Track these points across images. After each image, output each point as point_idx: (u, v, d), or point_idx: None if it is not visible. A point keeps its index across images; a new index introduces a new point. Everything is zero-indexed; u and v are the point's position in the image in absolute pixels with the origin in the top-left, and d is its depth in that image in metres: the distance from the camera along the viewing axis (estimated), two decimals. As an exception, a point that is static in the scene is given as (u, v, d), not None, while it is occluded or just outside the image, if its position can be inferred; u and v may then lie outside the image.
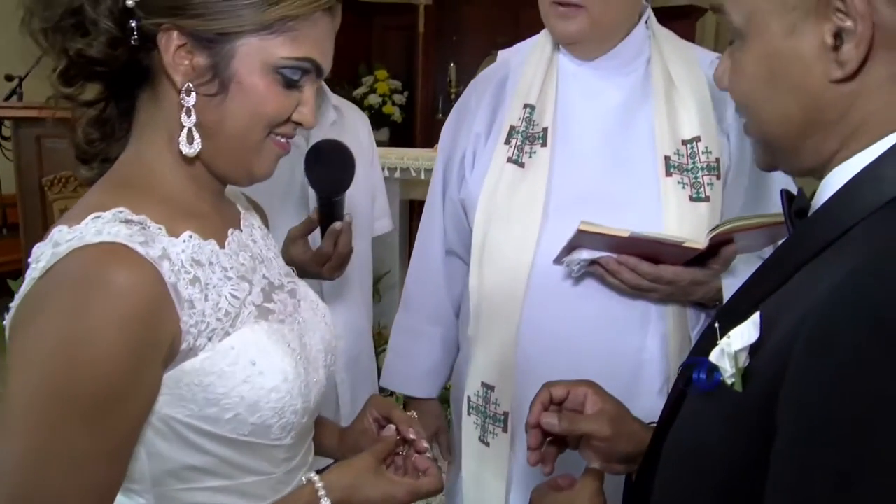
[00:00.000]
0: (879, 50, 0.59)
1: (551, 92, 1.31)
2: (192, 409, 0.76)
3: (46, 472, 0.67)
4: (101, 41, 0.75)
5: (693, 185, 1.23)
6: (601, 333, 1.23)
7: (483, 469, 1.35)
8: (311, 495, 0.83)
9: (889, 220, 0.58)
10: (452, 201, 1.44)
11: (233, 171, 0.83)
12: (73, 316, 0.68)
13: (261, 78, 0.77)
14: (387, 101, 6.21)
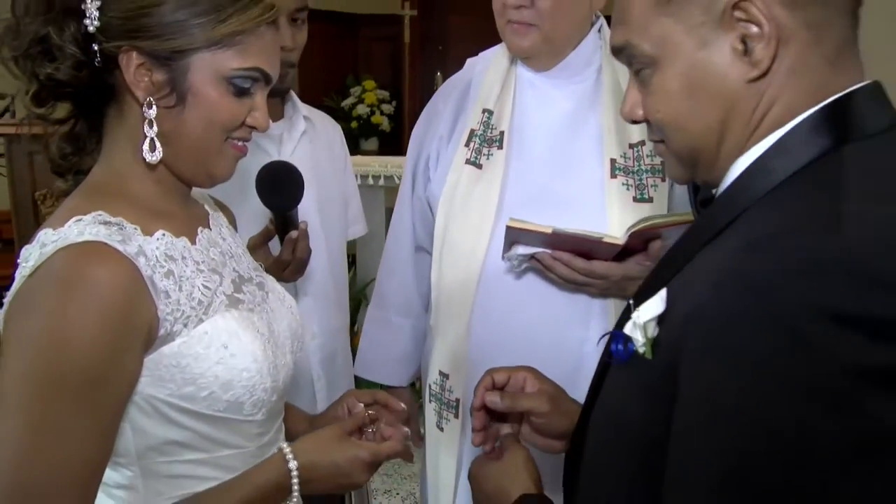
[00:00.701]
0: (780, 47, 0.67)
1: (508, 98, 1.40)
2: (171, 389, 0.84)
3: (41, 447, 0.75)
4: (68, 65, 0.83)
5: (637, 187, 1.32)
6: (546, 326, 1.32)
7: (439, 453, 1.45)
8: (280, 460, 0.91)
9: (771, 204, 0.66)
10: (420, 199, 1.53)
11: (195, 174, 0.91)
12: (60, 308, 0.76)
13: (214, 88, 0.85)
14: (375, 110, 6.30)
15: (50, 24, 0.81)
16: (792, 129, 0.67)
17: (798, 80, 0.67)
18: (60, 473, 0.76)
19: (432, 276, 1.44)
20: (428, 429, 1.49)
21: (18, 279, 0.79)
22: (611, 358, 0.77)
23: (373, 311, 1.66)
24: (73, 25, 0.82)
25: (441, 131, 1.48)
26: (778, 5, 0.65)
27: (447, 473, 1.43)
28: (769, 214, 0.64)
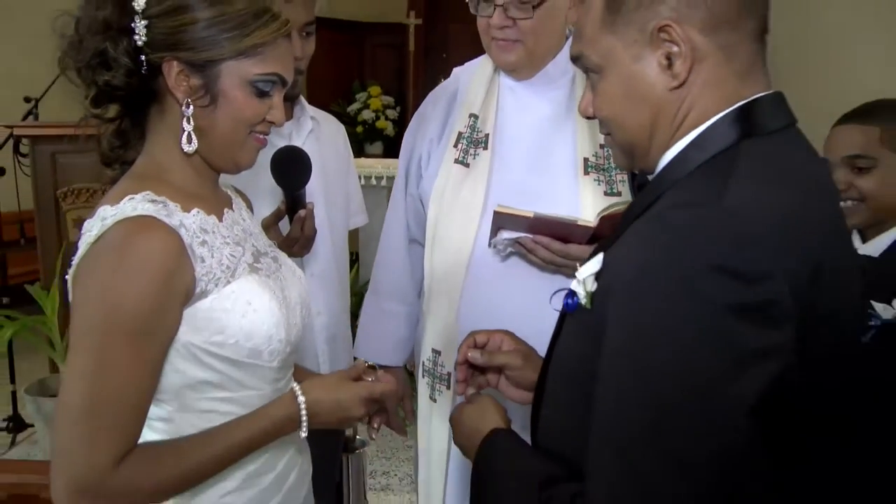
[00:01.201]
0: (695, 64, 0.83)
1: (492, 104, 1.57)
2: (204, 336, 1.00)
3: (102, 380, 0.92)
4: (122, 73, 1.00)
5: (608, 182, 1.47)
6: (527, 306, 1.45)
7: (432, 421, 1.61)
8: (290, 397, 1.08)
9: (682, 186, 0.83)
10: (412, 196, 1.69)
11: (223, 162, 1.08)
12: (118, 269, 0.93)
13: (240, 90, 1.02)
14: (380, 115, 6.49)
15: (107, 41, 0.99)
16: (706, 129, 0.84)
17: (712, 90, 0.83)
18: (117, 400, 0.93)
19: (425, 265, 1.60)
20: (421, 402, 1.65)
21: (83, 246, 0.96)
22: (564, 311, 0.94)
23: (370, 298, 1.81)
24: (125, 41, 0.99)
25: (431, 134, 1.64)
26: (694, 30, 0.81)
27: (440, 439, 1.60)
28: (678, 193, 0.81)
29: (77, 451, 0.92)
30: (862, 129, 1.43)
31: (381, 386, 1.15)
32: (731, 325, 0.69)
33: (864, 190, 1.41)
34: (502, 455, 0.99)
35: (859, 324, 0.85)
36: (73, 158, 3.31)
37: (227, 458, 1.02)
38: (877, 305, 1.36)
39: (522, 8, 1.42)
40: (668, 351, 0.71)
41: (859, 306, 0.83)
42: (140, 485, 0.95)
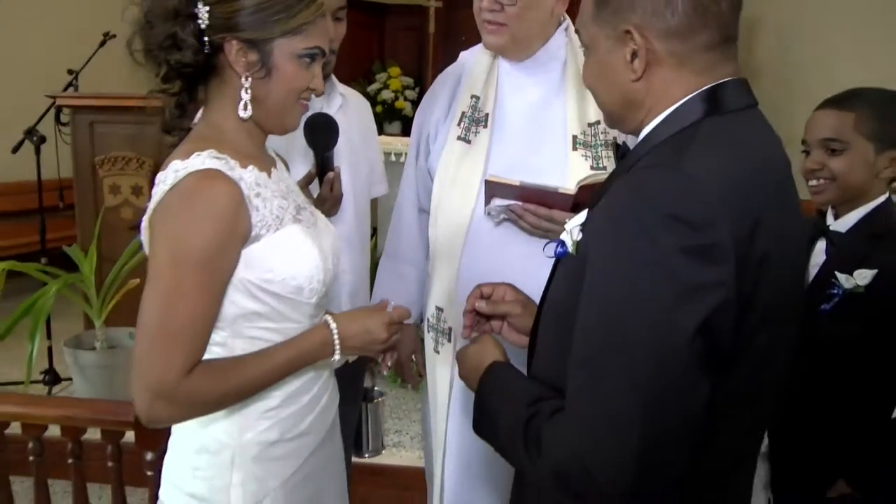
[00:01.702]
0: (653, 65, 0.99)
1: (492, 85, 1.74)
2: (257, 274, 1.18)
3: (175, 304, 1.11)
4: (190, 52, 1.17)
5: (594, 157, 1.64)
6: (519, 267, 1.61)
7: (436, 370, 1.81)
8: (324, 325, 1.27)
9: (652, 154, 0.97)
10: (422, 170, 1.87)
11: (274, 125, 1.26)
12: (190, 213, 1.11)
13: (290, 63, 1.20)
14: (399, 96, 6.66)
15: (177, 26, 1.16)
16: (676, 108, 0.99)
17: (668, 85, 0.99)
18: (186, 320, 1.12)
19: (430, 231, 1.78)
20: (427, 354, 1.85)
21: (158, 194, 1.14)
22: (555, 258, 1.11)
23: (384, 262, 1.99)
24: (191, 25, 1.16)
25: (438, 113, 1.82)
26: (653, 36, 0.97)
27: (443, 385, 1.79)
28: (646, 159, 0.97)
29: (153, 362, 1.11)
30: (837, 115, 1.57)
31: (399, 311, 1.34)
32: (679, 263, 0.85)
33: (835, 170, 1.56)
34: (499, 382, 1.15)
35: (800, 269, 1.01)
36: (109, 128, 3.53)
37: (273, 376, 1.21)
38: (840, 276, 1.53)
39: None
40: (627, 283, 0.87)
41: (796, 257, 0.99)
42: (205, 392, 1.14)
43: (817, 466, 1.61)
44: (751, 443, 1.07)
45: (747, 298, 0.89)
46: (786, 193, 0.98)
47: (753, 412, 1.01)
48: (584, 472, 0.88)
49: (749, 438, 1.06)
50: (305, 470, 1.31)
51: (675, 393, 0.87)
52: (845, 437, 1.56)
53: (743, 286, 0.88)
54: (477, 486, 1.78)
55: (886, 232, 1.56)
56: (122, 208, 3.55)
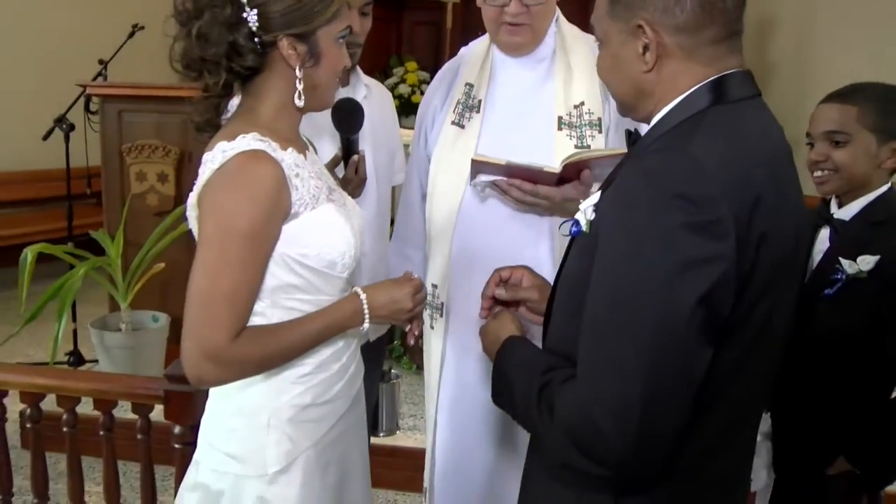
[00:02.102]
0: (663, 57, 1.07)
1: (485, 74, 1.83)
2: (295, 248, 1.26)
3: (222, 273, 1.20)
4: (251, 56, 1.25)
5: (579, 137, 1.73)
6: (507, 246, 1.72)
7: (430, 343, 1.91)
8: (354, 295, 1.36)
9: (661, 139, 1.05)
10: (422, 157, 1.96)
11: (317, 104, 1.34)
12: (237, 190, 1.20)
13: (333, 47, 1.29)
14: (415, 90, 6.72)
15: (234, 33, 1.23)
16: (684, 97, 1.07)
17: (678, 76, 1.06)
18: (233, 288, 1.21)
19: (426, 213, 1.88)
20: (425, 328, 1.93)
21: (207, 173, 1.23)
22: (570, 237, 1.19)
23: (393, 245, 2.09)
24: (244, 30, 1.24)
25: (436, 102, 1.92)
26: (664, 31, 1.05)
27: (436, 357, 1.90)
28: (656, 143, 1.06)
29: (203, 326, 1.20)
30: (840, 108, 1.63)
31: (420, 281, 1.44)
32: (684, 237, 0.93)
33: (838, 161, 1.63)
34: (515, 353, 1.23)
35: (798, 249, 1.09)
36: (137, 117, 3.64)
37: (309, 342, 1.30)
38: (843, 262, 1.60)
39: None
40: (636, 254, 0.95)
41: (794, 235, 1.06)
42: (251, 355, 1.24)
43: (819, 446, 1.68)
44: (751, 409, 1.15)
45: (747, 272, 0.97)
46: (785, 176, 1.06)
47: (754, 381, 1.09)
48: (592, 427, 0.95)
49: (749, 405, 1.13)
50: (334, 433, 1.40)
51: (676, 356, 0.94)
52: (845, 417, 1.64)
53: (743, 261, 0.96)
54: (466, 452, 1.88)
55: (888, 219, 1.62)
56: (147, 195, 3.66)
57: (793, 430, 1.71)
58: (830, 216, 1.70)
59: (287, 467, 1.33)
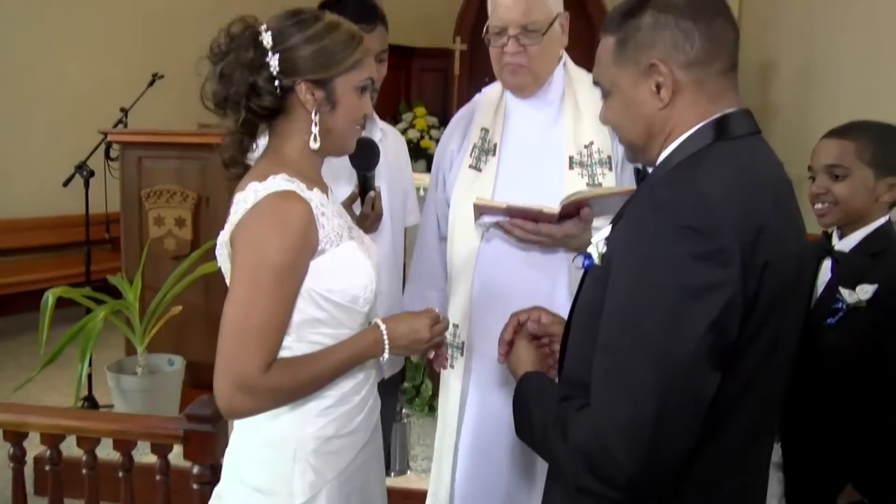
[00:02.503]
0: (677, 93, 1.13)
1: (500, 119, 1.92)
2: (321, 283, 1.32)
3: (254, 306, 1.25)
4: (268, 97, 1.33)
5: (590, 175, 1.80)
6: (526, 284, 1.78)
7: (449, 382, 1.95)
8: (375, 327, 1.41)
9: (668, 174, 1.11)
10: (440, 199, 2.03)
11: (336, 150, 1.41)
12: (269, 228, 1.26)
13: (350, 95, 1.36)
14: (424, 135, 6.86)
15: (254, 75, 1.32)
16: (689, 135, 1.14)
17: (689, 110, 1.13)
18: (265, 321, 1.26)
19: (447, 255, 1.95)
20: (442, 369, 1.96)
21: (240, 212, 1.29)
22: (583, 270, 1.24)
23: (410, 287, 2.14)
24: (265, 73, 1.32)
25: (453, 146, 2.00)
26: (676, 67, 1.11)
27: (454, 395, 1.94)
28: (663, 178, 1.12)
29: (236, 358, 1.25)
30: (839, 143, 1.71)
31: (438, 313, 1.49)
32: (691, 265, 0.98)
33: (838, 194, 1.69)
34: (531, 388, 1.28)
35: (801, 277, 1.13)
36: (156, 163, 3.74)
37: (335, 371, 1.35)
38: (843, 291, 1.65)
39: (531, 36, 1.77)
40: (646, 283, 1.01)
41: (797, 262, 1.11)
42: (282, 385, 1.29)
43: (828, 475, 1.70)
44: (759, 433, 1.18)
45: (752, 298, 1.02)
46: (786, 207, 1.11)
47: (761, 405, 1.12)
48: (603, 449, 0.99)
49: (756, 429, 1.16)
50: (356, 464, 1.44)
51: (686, 380, 0.98)
52: (852, 444, 1.66)
53: (748, 287, 1.01)
54: (488, 487, 1.90)
55: (885, 249, 1.68)
56: (165, 239, 3.73)
57: (802, 460, 1.73)
58: (832, 248, 1.75)
59: (312, 498, 1.37)
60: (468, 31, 6.74)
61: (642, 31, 1.12)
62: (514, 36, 1.77)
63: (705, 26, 1.10)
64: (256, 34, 1.33)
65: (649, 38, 1.11)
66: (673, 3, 1.11)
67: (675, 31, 1.10)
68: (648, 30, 1.12)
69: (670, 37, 1.10)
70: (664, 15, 1.11)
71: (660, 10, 1.11)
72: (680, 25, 1.10)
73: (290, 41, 1.32)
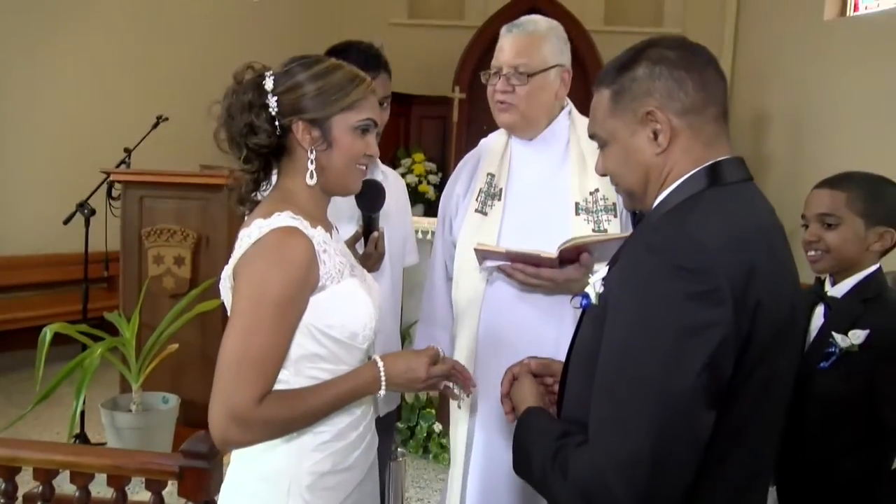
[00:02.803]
0: (674, 139, 1.17)
1: (506, 163, 1.97)
2: (320, 318, 1.34)
3: (252, 339, 1.27)
4: (264, 135, 1.37)
5: (595, 221, 1.84)
6: (530, 329, 1.81)
7: (458, 423, 1.97)
8: (372, 363, 1.42)
9: (662, 219, 1.15)
10: (447, 242, 2.08)
11: (338, 189, 1.45)
12: (273, 261, 1.29)
13: (347, 135, 1.39)
14: (422, 180, 6.95)
15: (252, 115, 1.36)
16: (683, 181, 1.18)
17: (685, 155, 1.17)
18: (263, 353, 1.28)
19: (452, 296, 1.98)
20: (451, 407, 2.00)
21: (244, 247, 1.31)
22: (581, 309, 1.26)
23: (421, 327, 2.17)
24: (263, 113, 1.37)
25: (459, 191, 2.06)
26: (672, 114, 1.16)
27: (462, 435, 1.95)
28: (657, 222, 1.15)
29: (231, 389, 1.26)
30: (831, 193, 1.76)
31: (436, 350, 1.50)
32: (686, 304, 1.01)
33: (830, 242, 1.74)
34: (532, 423, 1.30)
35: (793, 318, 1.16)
36: (157, 203, 3.79)
37: (330, 406, 1.36)
38: (836, 336, 1.68)
39: (519, 77, 1.86)
40: (643, 322, 1.03)
41: (790, 305, 1.14)
42: (276, 417, 1.29)
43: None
44: (755, 474, 1.19)
45: (745, 338, 1.04)
46: (778, 249, 1.14)
47: (756, 446, 1.14)
48: (603, 486, 1.01)
49: (752, 470, 1.17)
50: (351, 501, 1.44)
51: (683, 417, 1.00)
52: (848, 489, 1.67)
53: (741, 326, 1.03)
54: None
55: (876, 296, 1.72)
56: (164, 277, 3.76)
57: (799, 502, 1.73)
58: (824, 293, 1.79)
59: (306, 534, 1.36)
60: (467, 81, 6.87)
61: (637, 82, 1.17)
62: (505, 75, 1.87)
63: (697, 75, 1.15)
64: (261, 79, 1.38)
65: (645, 87, 1.16)
66: (665, 55, 1.17)
67: (668, 81, 1.15)
68: (644, 80, 1.17)
69: (665, 86, 1.15)
70: (658, 66, 1.16)
71: (653, 62, 1.17)
72: (673, 75, 1.15)
73: (289, 82, 1.37)
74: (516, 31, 1.90)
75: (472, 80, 6.90)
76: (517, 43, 1.88)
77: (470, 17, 7.53)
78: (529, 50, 1.87)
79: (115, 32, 5.98)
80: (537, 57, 1.87)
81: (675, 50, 1.17)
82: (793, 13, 6.57)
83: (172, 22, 6.35)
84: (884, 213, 1.73)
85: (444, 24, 7.67)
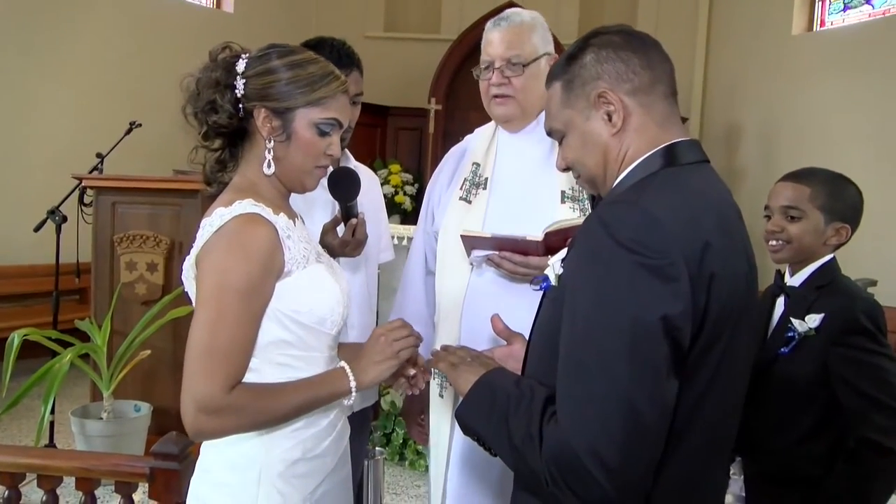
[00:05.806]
0: (627, 118, 1.20)
1: (492, 153, 1.99)
2: (287, 304, 1.34)
3: (219, 328, 1.26)
4: (225, 115, 1.38)
5: (582, 210, 1.86)
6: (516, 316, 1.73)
7: (441, 413, 1.97)
8: (343, 373, 1.39)
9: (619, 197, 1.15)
10: (428, 233, 2.08)
11: (293, 184, 1.44)
12: (234, 250, 1.28)
13: (308, 131, 1.38)
14: (399, 191, 6.97)
15: (217, 93, 1.37)
16: (639, 162, 1.21)
17: (640, 134, 1.20)
18: (230, 342, 1.27)
19: (436, 287, 1.98)
20: (432, 400, 2.00)
21: (206, 236, 1.31)
22: (542, 292, 1.28)
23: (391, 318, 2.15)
24: (228, 93, 1.37)
25: (443, 181, 2.07)
26: (623, 94, 1.19)
27: (445, 426, 1.95)
28: (612, 198, 1.17)
29: (199, 379, 1.26)
30: (795, 187, 1.82)
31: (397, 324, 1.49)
32: (642, 278, 1.03)
33: (791, 234, 1.80)
34: (497, 381, 1.28)
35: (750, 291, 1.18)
36: (130, 208, 3.77)
37: (300, 409, 1.36)
38: (795, 321, 1.74)
39: (514, 68, 1.88)
40: (602, 296, 1.05)
41: (745, 281, 1.16)
42: (243, 409, 1.28)
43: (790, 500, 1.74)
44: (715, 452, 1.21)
45: (701, 311, 1.07)
46: (733, 227, 1.17)
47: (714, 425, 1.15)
48: (575, 464, 1.02)
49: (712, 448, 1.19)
50: (322, 489, 1.44)
51: (648, 387, 1.02)
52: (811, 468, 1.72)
53: (697, 299, 1.06)
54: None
55: (830, 283, 1.80)
56: (136, 284, 3.73)
57: (763, 488, 1.76)
58: (784, 284, 1.86)
59: (277, 522, 1.35)
60: (442, 93, 6.93)
61: (586, 68, 1.22)
62: (499, 68, 1.89)
63: (643, 55, 1.20)
64: (235, 59, 1.39)
65: (594, 71, 1.21)
66: (610, 40, 1.22)
67: (616, 63, 1.20)
68: (592, 65, 1.21)
69: (613, 68, 1.19)
70: (604, 50, 1.21)
71: (599, 47, 1.21)
72: (620, 56, 1.20)
73: (260, 67, 1.38)
74: (504, 24, 1.93)
75: (448, 92, 6.97)
76: (507, 35, 1.91)
77: (446, 31, 7.60)
78: (520, 41, 1.90)
79: (90, 38, 5.97)
80: (528, 47, 1.90)
81: (620, 35, 1.22)
82: (762, 29, 6.73)
83: (147, 29, 6.35)
84: (842, 210, 1.80)
85: (420, 38, 7.74)
